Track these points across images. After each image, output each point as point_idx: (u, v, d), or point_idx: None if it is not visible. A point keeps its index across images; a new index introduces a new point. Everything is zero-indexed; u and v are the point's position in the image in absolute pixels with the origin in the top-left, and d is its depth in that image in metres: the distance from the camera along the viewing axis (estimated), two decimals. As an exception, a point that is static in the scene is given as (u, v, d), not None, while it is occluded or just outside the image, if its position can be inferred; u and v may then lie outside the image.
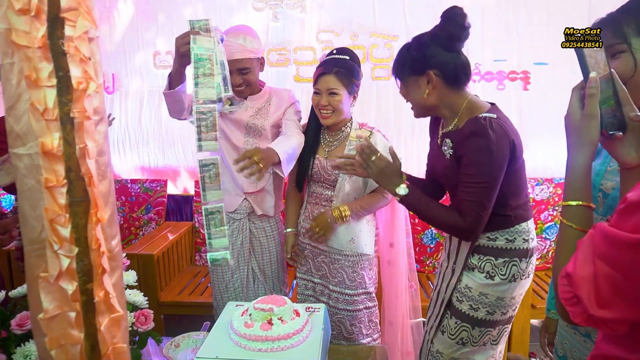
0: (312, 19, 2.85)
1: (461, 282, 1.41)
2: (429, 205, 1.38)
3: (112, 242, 0.63)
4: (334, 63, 1.70)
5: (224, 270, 1.95)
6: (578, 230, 0.74)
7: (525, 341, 2.38)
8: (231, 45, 1.74)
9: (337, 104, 1.69)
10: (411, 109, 1.46)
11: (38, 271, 0.58)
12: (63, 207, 0.56)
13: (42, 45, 0.52)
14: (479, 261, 1.38)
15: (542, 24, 2.75)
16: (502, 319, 1.40)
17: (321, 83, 1.69)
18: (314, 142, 1.82)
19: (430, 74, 1.33)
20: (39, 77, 0.53)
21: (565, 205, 0.77)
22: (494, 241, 1.37)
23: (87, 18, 0.55)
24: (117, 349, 0.64)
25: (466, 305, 1.39)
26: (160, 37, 2.94)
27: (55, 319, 0.58)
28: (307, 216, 1.85)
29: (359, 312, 1.80)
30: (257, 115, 1.88)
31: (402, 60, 1.40)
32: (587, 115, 0.76)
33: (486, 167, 1.26)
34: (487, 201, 1.28)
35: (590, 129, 0.75)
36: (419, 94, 1.37)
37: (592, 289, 0.60)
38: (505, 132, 1.25)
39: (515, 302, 1.40)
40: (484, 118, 1.26)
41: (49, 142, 0.54)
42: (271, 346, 1.20)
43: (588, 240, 0.65)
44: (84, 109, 0.57)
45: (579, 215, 0.75)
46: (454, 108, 1.37)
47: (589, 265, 0.62)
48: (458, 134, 1.33)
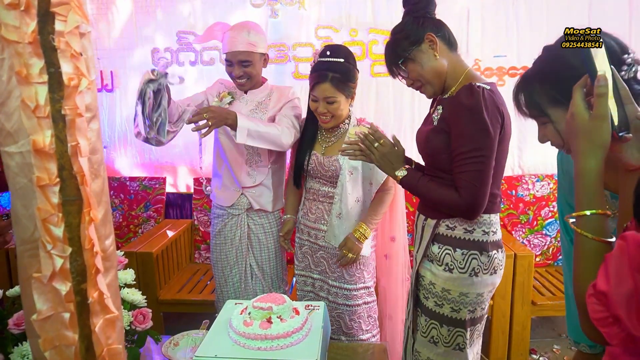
0: (310, 15, 2.83)
1: (425, 279, 1.39)
2: (427, 186, 1.35)
3: (105, 242, 0.62)
4: (329, 68, 1.66)
5: (223, 264, 1.97)
6: (595, 240, 0.69)
7: (525, 338, 2.37)
8: (234, 37, 1.79)
9: (336, 110, 1.69)
10: (422, 91, 1.40)
11: (31, 271, 0.57)
12: (56, 206, 0.55)
13: (32, 40, 0.51)
14: (439, 251, 1.35)
15: (542, 19, 2.73)
16: (471, 318, 1.35)
17: (318, 91, 1.67)
18: (311, 137, 1.81)
19: (430, 35, 1.32)
20: (29, 73, 0.52)
21: (580, 215, 0.71)
22: (452, 230, 1.34)
23: (78, 13, 0.54)
24: (112, 349, 0.63)
25: (431, 302, 1.37)
26: (159, 34, 2.92)
27: (49, 320, 0.57)
28: (305, 212, 1.85)
29: (358, 307, 1.80)
30: (256, 110, 1.89)
31: (395, 47, 1.37)
32: (597, 116, 0.71)
33: (479, 136, 1.22)
34: (483, 173, 1.24)
35: (602, 131, 0.70)
36: (431, 60, 1.33)
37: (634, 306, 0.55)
38: (497, 104, 1.23)
39: (483, 300, 1.36)
40: (478, 86, 1.23)
41: (40, 140, 0.53)
42: (270, 345, 1.19)
43: (620, 253, 0.59)
44: (76, 105, 0.56)
45: (595, 225, 0.70)
46: (456, 74, 1.35)
47: (626, 281, 0.56)
48: (450, 100, 1.31)
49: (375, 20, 2.81)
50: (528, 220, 2.77)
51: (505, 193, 2.80)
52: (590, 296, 0.61)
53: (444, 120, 1.32)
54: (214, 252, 2.02)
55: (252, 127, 1.70)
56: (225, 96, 1.91)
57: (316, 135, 1.82)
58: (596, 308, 0.60)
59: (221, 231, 1.98)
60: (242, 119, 1.69)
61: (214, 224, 2.02)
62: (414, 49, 1.34)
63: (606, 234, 0.70)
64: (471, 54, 2.79)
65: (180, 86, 2.95)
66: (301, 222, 1.87)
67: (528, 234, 2.77)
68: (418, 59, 1.34)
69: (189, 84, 2.95)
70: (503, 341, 2.37)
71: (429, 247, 1.37)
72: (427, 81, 1.36)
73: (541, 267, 2.72)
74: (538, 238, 2.77)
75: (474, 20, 2.78)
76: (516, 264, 2.28)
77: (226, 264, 1.98)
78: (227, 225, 1.96)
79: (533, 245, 2.76)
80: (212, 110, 1.64)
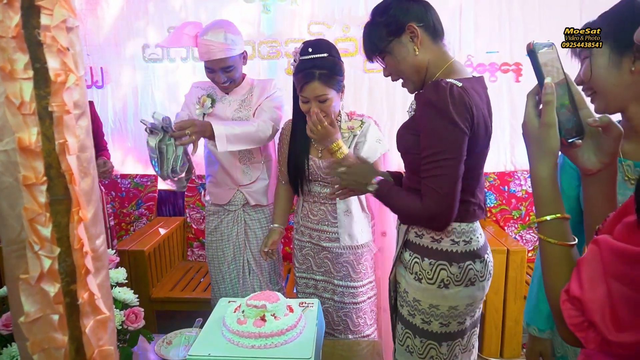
0: (303, 11, 2.81)
1: (400, 286, 1.32)
2: (396, 195, 1.26)
3: (96, 242, 0.60)
4: (314, 65, 1.58)
5: (220, 261, 1.96)
6: (559, 245, 0.70)
7: (518, 332, 2.39)
8: (212, 44, 1.73)
9: (329, 108, 1.62)
10: (404, 86, 1.30)
11: (18, 272, 0.55)
12: (43, 205, 0.53)
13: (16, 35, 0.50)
14: (410, 258, 1.28)
15: (534, 15, 2.74)
16: (446, 332, 1.24)
17: (307, 91, 1.59)
18: (304, 144, 1.75)
19: (412, 26, 1.19)
20: (14, 68, 0.50)
21: (541, 221, 0.71)
22: (421, 238, 1.25)
23: (64, 6, 0.52)
24: (103, 351, 0.62)
25: (405, 310, 1.29)
26: (150, 29, 2.88)
27: (37, 322, 0.55)
28: (305, 214, 1.81)
29: (363, 304, 1.80)
30: (240, 109, 1.88)
31: (373, 34, 1.24)
32: (544, 123, 0.71)
33: (445, 136, 1.11)
34: (449, 177, 1.12)
35: (550, 138, 0.71)
36: (409, 54, 1.21)
37: (608, 311, 0.55)
38: (465, 102, 1.10)
39: (459, 313, 1.23)
40: (446, 82, 1.11)
41: (26, 138, 0.52)
42: (264, 343, 1.18)
43: (593, 258, 0.59)
44: (64, 102, 0.54)
45: (557, 229, 0.70)
46: (437, 68, 1.22)
47: (600, 286, 0.56)
48: (417, 97, 1.22)
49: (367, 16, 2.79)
50: (520, 216, 2.79)
51: (497, 189, 2.81)
52: (564, 302, 0.61)
53: (414, 117, 1.23)
54: (210, 249, 2.00)
55: (229, 131, 1.67)
56: (205, 100, 1.89)
57: (309, 141, 1.75)
58: (572, 313, 0.59)
59: (217, 228, 1.97)
60: (217, 126, 1.65)
61: (209, 221, 2.00)
62: (392, 40, 1.21)
63: (569, 237, 0.70)
64: (464, 49, 2.80)
65: (173, 81, 2.93)
66: (301, 224, 1.83)
67: (520, 229, 2.79)
68: (395, 53, 1.22)
69: (181, 80, 2.92)
70: (496, 336, 2.39)
71: (402, 253, 1.31)
72: (405, 77, 1.26)
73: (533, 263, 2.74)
74: (530, 233, 2.79)
75: (466, 16, 2.78)
76: (509, 260, 2.29)
77: (223, 261, 1.96)
78: (223, 222, 1.95)
79: (525, 241, 2.78)
80: (194, 125, 1.60)
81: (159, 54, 2.89)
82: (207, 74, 1.84)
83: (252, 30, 2.84)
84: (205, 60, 1.79)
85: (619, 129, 0.73)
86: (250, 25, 2.84)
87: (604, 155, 0.74)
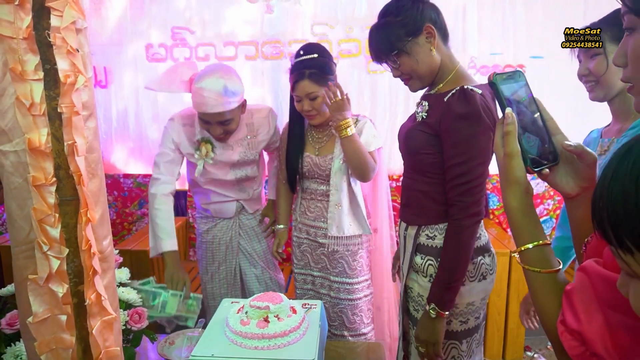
0: (306, 11, 2.81)
1: (413, 290, 1.34)
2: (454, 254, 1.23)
3: (103, 243, 0.60)
4: (304, 65, 1.65)
5: (208, 262, 1.94)
6: (544, 273, 0.68)
7: (520, 335, 2.39)
8: (208, 97, 1.55)
9: (319, 105, 1.67)
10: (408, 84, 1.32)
11: (27, 273, 0.55)
12: (52, 206, 0.54)
13: (27, 36, 0.50)
14: (422, 262, 1.30)
15: (538, 17, 2.74)
16: (466, 329, 1.29)
17: (299, 90, 1.66)
18: (299, 142, 1.79)
19: (429, 27, 1.22)
20: (24, 69, 0.50)
21: (521, 251, 0.69)
22: (433, 240, 1.29)
23: (74, 8, 0.52)
24: (109, 352, 0.62)
25: (421, 313, 1.31)
26: (153, 29, 2.89)
27: (45, 323, 0.55)
28: (303, 211, 1.84)
29: (359, 301, 1.81)
30: (246, 152, 1.80)
31: (390, 33, 1.24)
32: (507, 154, 0.69)
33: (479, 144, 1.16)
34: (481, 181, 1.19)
35: (513, 168, 0.69)
36: (426, 54, 1.23)
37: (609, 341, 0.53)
38: (490, 108, 1.16)
39: (475, 309, 1.29)
40: (472, 90, 1.16)
41: (36, 139, 0.52)
42: (268, 344, 1.18)
43: (583, 286, 0.57)
44: (73, 103, 0.54)
45: (539, 257, 0.68)
46: (447, 70, 1.26)
47: (596, 316, 0.55)
48: (439, 102, 1.23)
49: (371, 17, 2.79)
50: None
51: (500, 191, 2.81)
52: (563, 333, 0.59)
53: (430, 120, 1.24)
54: (200, 249, 1.97)
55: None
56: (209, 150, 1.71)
57: (304, 137, 1.80)
58: (572, 344, 0.58)
59: (210, 230, 1.94)
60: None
61: (203, 222, 1.96)
62: (410, 40, 1.22)
63: (553, 263, 0.68)
64: (467, 51, 2.79)
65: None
66: (299, 220, 1.86)
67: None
68: (413, 53, 1.23)
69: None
70: (498, 338, 2.38)
71: (412, 258, 1.33)
72: (418, 76, 1.27)
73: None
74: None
75: (470, 17, 2.78)
76: (512, 262, 2.29)
77: (212, 262, 1.93)
78: (217, 226, 1.93)
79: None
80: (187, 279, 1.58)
81: (163, 54, 2.90)
82: (201, 124, 1.68)
83: (255, 31, 2.84)
84: (199, 112, 1.63)
85: (592, 155, 0.72)
86: (253, 26, 2.84)
87: (581, 180, 0.73)
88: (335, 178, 1.74)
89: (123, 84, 2.97)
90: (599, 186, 0.48)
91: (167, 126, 1.73)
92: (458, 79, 1.24)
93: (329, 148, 1.76)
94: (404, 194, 1.40)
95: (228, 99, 1.58)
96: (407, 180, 1.38)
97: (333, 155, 1.73)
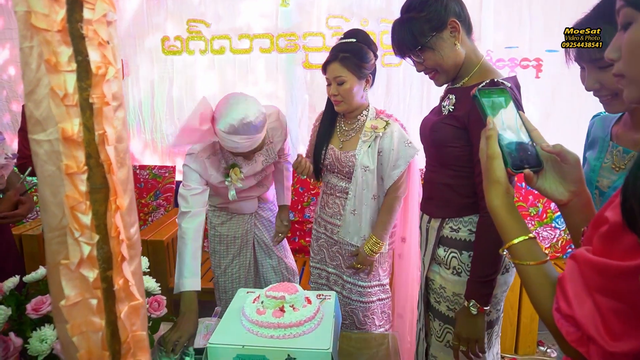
0: (321, 4, 2.81)
1: (434, 282, 1.35)
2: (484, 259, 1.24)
3: (131, 230, 0.62)
4: (340, 49, 1.63)
5: (221, 255, 1.94)
6: (534, 264, 0.71)
7: (533, 330, 2.38)
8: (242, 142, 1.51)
9: (346, 92, 1.62)
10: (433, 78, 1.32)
11: (59, 258, 0.57)
12: (84, 194, 0.55)
13: (61, 28, 0.51)
14: (445, 254, 1.31)
15: (555, 10, 2.70)
16: (488, 321, 1.30)
17: (328, 72, 1.64)
18: (328, 130, 1.77)
19: (454, 21, 1.22)
20: (58, 61, 0.52)
21: (509, 246, 0.73)
22: (457, 232, 1.29)
23: (105, 1, 0.54)
24: (136, 336, 0.64)
25: (444, 306, 1.33)
26: (169, 22, 2.91)
27: (76, 306, 0.57)
28: (322, 206, 1.83)
29: (371, 304, 1.78)
30: (267, 158, 1.81)
31: (415, 28, 1.24)
32: (489, 155, 0.76)
33: None
34: None
35: (494, 169, 0.75)
36: (451, 48, 1.23)
37: (600, 324, 0.55)
38: (520, 105, 1.17)
39: (497, 301, 1.31)
40: (502, 83, 1.16)
41: (69, 128, 0.53)
42: (283, 333, 1.20)
43: (572, 274, 0.60)
44: (103, 94, 0.56)
45: (527, 251, 0.72)
46: (471, 63, 1.27)
47: (586, 301, 0.57)
48: (466, 90, 1.23)
49: (386, 10, 2.79)
50: (537, 213, 2.76)
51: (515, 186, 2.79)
52: (559, 320, 0.62)
53: (458, 113, 1.25)
54: (212, 242, 1.96)
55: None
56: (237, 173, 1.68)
57: (334, 127, 1.77)
58: (569, 330, 0.60)
59: (225, 223, 1.93)
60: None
61: (216, 216, 1.94)
62: (434, 35, 1.22)
63: (541, 255, 0.72)
64: (483, 44, 2.77)
65: (191, 75, 2.96)
66: (319, 214, 1.85)
67: (537, 226, 2.77)
68: (438, 47, 1.24)
69: (199, 73, 2.95)
70: (511, 333, 2.38)
71: (435, 250, 1.33)
72: (443, 70, 1.28)
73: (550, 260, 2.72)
74: (547, 231, 2.76)
75: (486, 10, 2.75)
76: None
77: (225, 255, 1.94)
78: (233, 219, 1.93)
79: (542, 238, 2.76)
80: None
81: (178, 47, 2.92)
82: (230, 153, 1.68)
83: (270, 24, 2.85)
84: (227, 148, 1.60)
85: (573, 155, 0.76)
86: (268, 19, 2.85)
87: (569, 184, 0.77)
88: (356, 188, 1.68)
89: (139, 77, 3.01)
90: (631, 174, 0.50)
91: (187, 163, 1.64)
92: (485, 72, 1.24)
93: (353, 144, 1.70)
94: (427, 186, 1.40)
95: (257, 135, 1.54)
96: (430, 173, 1.38)
97: (355, 152, 1.68)
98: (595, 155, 1.06)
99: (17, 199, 1.68)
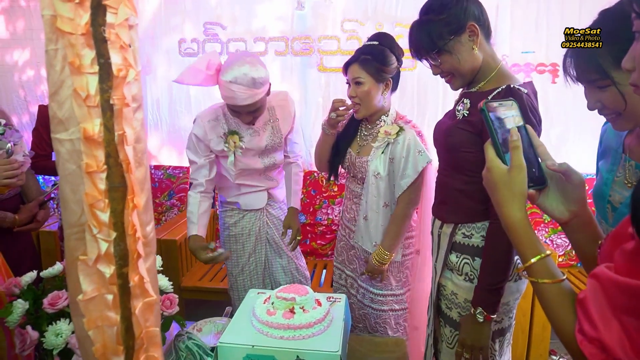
0: (337, 8, 2.83)
1: (446, 288, 1.34)
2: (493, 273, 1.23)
3: (147, 228, 0.64)
4: (362, 51, 1.62)
5: (239, 254, 1.95)
6: (553, 283, 0.69)
7: (546, 338, 2.35)
8: (239, 91, 1.58)
9: (363, 94, 1.59)
10: (450, 82, 1.30)
11: (77, 254, 0.59)
12: (102, 192, 0.57)
13: (85, 32, 0.53)
14: (457, 260, 1.30)
15: (573, 15, 2.67)
16: (499, 328, 1.30)
17: (349, 72, 1.62)
18: (352, 133, 1.75)
19: (473, 25, 1.19)
20: (81, 63, 0.54)
21: (528, 265, 0.71)
22: (469, 238, 1.28)
23: (128, 6, 0.56)
24: (149, 332, 0.65)
25: (455, 312, 1.32)
26: (187, 24, 2.95)
27: (93, 301, 0.59)
28: (345, 209, 1.83)
29: (383, 313, 1.76)
30: (272, 137, 1.83)
31: (433, 32, 1.22)
32: (515, 166, 0.73)
33: None
34: None
35: (520, 180, 0.73)
36: (469, 53, 1.21)
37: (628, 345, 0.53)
38: (536, 108, 1.16)
39: (510, 308, 1.30)
40: (518, 89, 1.15)
41: (90, 128, 0.55)
42: (293, 334, 1.21)
43: (595, 294, 0.58)
44: (123, 96, 0.57)
45: (545, 269, 0.70)
46: (489, 68, 1.24)
47: (613, 323, 0.55)
48: (481, 95, 1.22)
49: (401, 14, 2.79)
50: (551, 220, 2.73)
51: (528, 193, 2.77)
52: (582, 342, 0.60)
53: (473, 118, 1.23)
54: (227, 243, 1.98)
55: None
56: (237, 140, 1.75)
57: (357, 132, 1.75)
58: (593, 352, 0.58)
59: (238, 223, 1.94)
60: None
61: (228, 216, 1.96)
62: (452, 38, 1.20)
63: (558, 273, 0.70)
64: (499, 49, 2.74)
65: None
66: (341, 217, 1.86)
67: (551, 233, 2.74)
68: (455, 51, 1.21)
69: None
70: (523, 341, 2.36)
71: (447, 256, 1.32)
72: (459, 74, 1.26)
73: (564, 268, 2.69)
74: (561, 238, 2.73)
75: (502, 15, 2.73)
76: (538, 264, 2.25)
77: (242, 254, 1.95)
78: (245, 217, 1.94)
79: (556, 245, 2.72)
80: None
81: (195, 49, 2.96)
82: (230, 113, 1.73)
83: (286, 27, 2.87)
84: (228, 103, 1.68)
85: (578, 175, 0.74)
86: (284, 22, 2.87)
87: (570, 204, 0.76)
88: (368, 195, 1.67)
89: (157, 77, 3.05)
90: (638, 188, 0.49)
91: (194, 132, 1.76)
92: (502, 78, 1.22)
93: (368, 150, 1.68)
94: (440, 191, 1.39)
95: (257, 90, 1.60)
96: (443, 177, 1.37)
97: (368, 157, 1.67)
98: (607, 167, 1.03)
99: (37, 211, 1.76)
